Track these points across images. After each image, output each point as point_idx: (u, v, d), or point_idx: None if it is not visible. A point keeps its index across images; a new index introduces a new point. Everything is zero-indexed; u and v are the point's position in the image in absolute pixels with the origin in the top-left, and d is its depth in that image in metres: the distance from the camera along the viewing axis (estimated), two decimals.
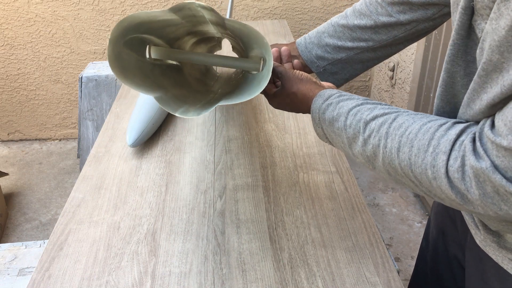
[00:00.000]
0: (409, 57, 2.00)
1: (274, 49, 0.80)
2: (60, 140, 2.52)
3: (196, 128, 1.11)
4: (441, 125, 0.48)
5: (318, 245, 0.76)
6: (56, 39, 2.23)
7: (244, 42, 0.76)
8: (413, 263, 1.70)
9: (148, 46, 0.75)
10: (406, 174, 0.50)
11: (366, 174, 2.19)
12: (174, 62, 0.83)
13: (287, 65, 0.80)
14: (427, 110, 1.92)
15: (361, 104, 0.57)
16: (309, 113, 0.65)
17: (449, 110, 0.56)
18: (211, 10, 0.63)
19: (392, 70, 2.18)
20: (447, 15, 0.72)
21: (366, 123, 0.54)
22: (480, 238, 0.61)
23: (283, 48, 0.78)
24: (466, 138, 0.45)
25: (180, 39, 0.81)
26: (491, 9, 0.45)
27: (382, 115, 0.54)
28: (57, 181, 2.21)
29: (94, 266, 0.74)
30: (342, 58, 0.76)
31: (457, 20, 0.50)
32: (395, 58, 2.15)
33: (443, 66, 0.56)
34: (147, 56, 0.75)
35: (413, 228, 1.86)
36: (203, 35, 0.86)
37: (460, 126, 0.47)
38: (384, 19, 0.71)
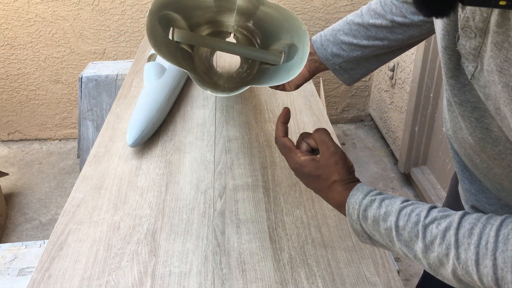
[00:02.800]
0: (409, 57, 2.00)
1: None
2: (60, 140, 2.52)
3: (196, 128, 1.11)
4: None
5: (318, 245, 0.76)
6: (56, 39, 2.23)
7: (269, 33, 0.75)
8: (413, 263, 1.70)
9: (172, 28, 0.75)
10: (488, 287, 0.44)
11: (366, 174, 2.19)
12: (189, 50, 0.84)
13: None
14: (427, 110, 1.92)
15: (411, 203, 0.51)
16: (334, 205, 0.59)
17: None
18: None
19: (392, 70, 2.18)
20: None
21: (425, 227, 0.48)
22: None
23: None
24: None
25: (199, 26, 0.82)
26: (474, 55, 0.46)
27: (442, 217, 0.48)
28: (57, 181, 2.21)
29: (94, 266, 0.74)
30: (358, 55, 0.74)
31: (440, 58, 0.51)
32: (395, 58, 2.15)
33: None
34: (170, 37, 0.76)
35: None
36: (218, 27, 0.87)
37: None
38: (399, 19, 0.70)
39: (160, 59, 1.29)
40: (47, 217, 1.98)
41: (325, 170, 0.59)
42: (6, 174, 2.07)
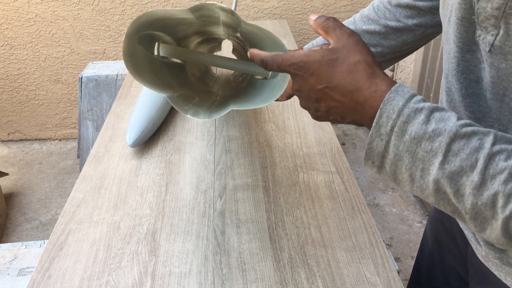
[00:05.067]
0: (409, 57, 2.00)
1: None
2: (60, 140, 2.52)
3: (196, 128, 1.11)
4: None
5: (318, 245, 0.76)
6: (56, 39, 2.23)
7: (256, 46, 0.75)
8: (413, 263, 1.70)
9: (157, 43, 0.75)
10: None
11: (366, 174, 2.19)
12: (178, 61, 0.84)
13: None
14: None
15: (470, 123, 0.40)
16: (357, 110, 0.44)
17: None
18: (231, 13, 0.62)
19: (392, 70, 2.18)
20: None
21: (490, 157, 0.38)
22: (481, 254, 0.59)
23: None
24: None
25: (187, 38, 0.82)
26: (496, 18, 0.42)
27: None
28: (57, 181, 2.21)
29: (94, 266, 0.74)
30: None
31: (454, 32, 0.47)
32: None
33: (442, 81, 0.51)
34: (155, 53, 0.76)
35: (413, 228, 1.86)
36: (209, 35, 0.87)
37: None
38: (393, 24, 0.68)
39: None
40: (47, 217, 1.98)
41: (342, 50, 0.44)
42: (6, 174, 2.07)
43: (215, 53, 1.07)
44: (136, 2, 2.14)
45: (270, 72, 0.72)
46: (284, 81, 0.62)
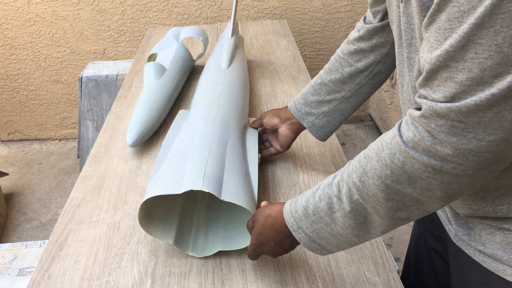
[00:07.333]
0: None
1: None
2: (60, 140, 2.52)
3: None
4: (383, 135, 0.53)
5: None
6: (56, 39, 2.23)
7: (236, 209, 0.82)
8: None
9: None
10: (383, 189, 0.51)
11: None
12: None
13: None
14: None
15: (320, 183, 0.61)
16: (288, 234, 0.63)
17: None
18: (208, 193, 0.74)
19: (392, 78, 2.18)
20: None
21: (329, 184, 0.58)
22: (452, 233, 0.64)
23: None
24: (403, 119, 0.51)
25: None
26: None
27: (338, 173, 0.59)
28: (57, 181, 2.21)
29: (94, 266, 0.74)
30: (325, 111, 0.88)
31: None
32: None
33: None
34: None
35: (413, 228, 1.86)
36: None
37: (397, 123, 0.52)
38: (347, 69, 0.84)
39: (160, 59, 1.29)
40: (47, 217, 1.98)
41: (259, 216, 0.67)
42: (6, 174, 2.07)
43: None
44: (136, 2, 2.14)
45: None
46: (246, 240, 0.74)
